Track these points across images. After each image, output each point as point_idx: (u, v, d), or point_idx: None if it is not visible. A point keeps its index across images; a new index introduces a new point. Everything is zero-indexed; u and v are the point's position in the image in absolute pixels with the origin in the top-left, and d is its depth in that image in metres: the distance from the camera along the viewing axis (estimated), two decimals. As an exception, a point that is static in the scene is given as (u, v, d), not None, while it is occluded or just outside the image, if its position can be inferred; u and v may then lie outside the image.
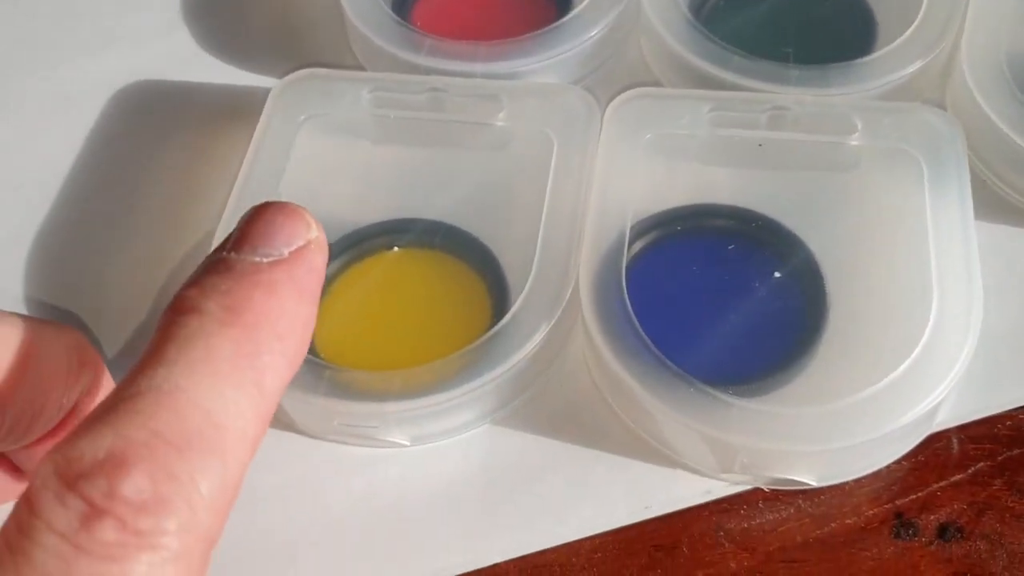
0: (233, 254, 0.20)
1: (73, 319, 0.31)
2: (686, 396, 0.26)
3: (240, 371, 0.19)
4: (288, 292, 0.20)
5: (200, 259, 0.21)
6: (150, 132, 0.35)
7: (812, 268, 0.28)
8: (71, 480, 0.17)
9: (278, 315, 0.20)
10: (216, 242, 0.29)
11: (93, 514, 0.17)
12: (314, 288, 0.21)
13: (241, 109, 0.34)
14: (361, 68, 0.35)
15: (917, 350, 0.26)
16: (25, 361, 0.21)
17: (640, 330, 0.27)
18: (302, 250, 0.21)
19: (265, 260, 0.20)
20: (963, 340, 0.27)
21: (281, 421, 0.29)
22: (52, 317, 0.30)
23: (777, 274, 0.28)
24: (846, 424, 0.26)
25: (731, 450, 0.26)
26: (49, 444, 0.23)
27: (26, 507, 0.17)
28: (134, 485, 0.17)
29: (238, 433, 0.19)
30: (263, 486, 0.28)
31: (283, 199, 0.23)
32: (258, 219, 0.21)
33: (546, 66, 0.34)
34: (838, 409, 0.26)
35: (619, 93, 0.32)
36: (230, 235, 0.21)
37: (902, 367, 0.26)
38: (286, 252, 0.20)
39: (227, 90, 0.36)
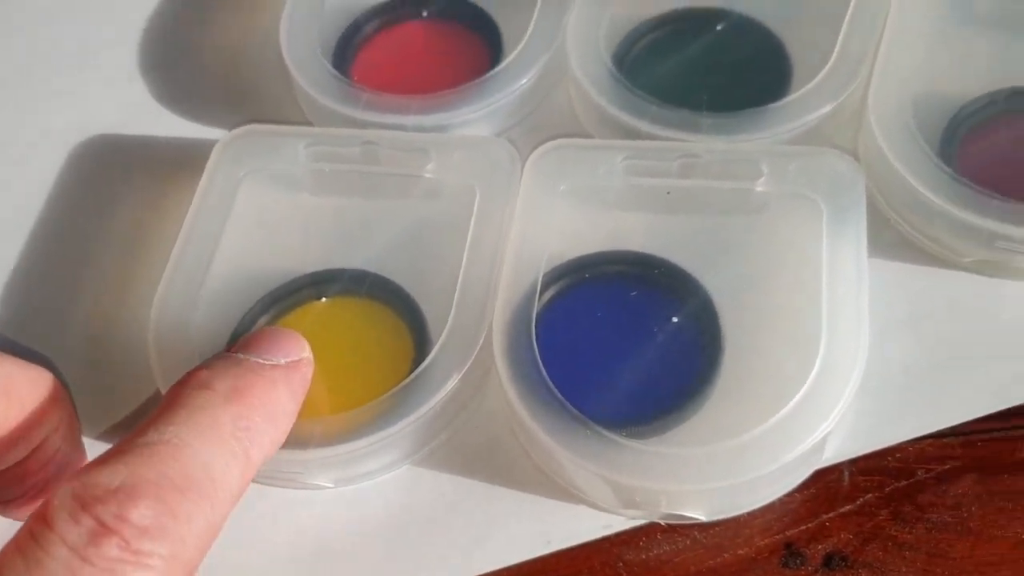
0: (240, 354, 0.26)
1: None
2: (582, 439, 0.28)
3: (235, 440, 0.24)
4: (282, 389, 0.26)
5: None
6: (103, 185, 0.37)
7: (709, 311, 0.30)
8: (87, 502, 0.21)
9: (272, 404, 0.25)
10: (169, 282, 0.32)
11: (102, 532, 0.21)
12: (300, 393, 0.26)
13: (194, 162, 0.36)
14: (308, 122, 0.37)
15: (803, 390, 0.28)
16: None
17: (545, 375, 0.29)
18: (297, 363, 0.26)
19: (267, 363, 0.26)
20: (847, 380, 0.28)
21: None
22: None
23: (675, 319, 0.30)
24: (730, 463, 0.27)
25: (626, 489, 0.28)
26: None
27: (42, 522, 0.21)
28: (140, 513, 0.21)
29: (227, 488, 0.23)
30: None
31: (223, 254, 0.30)
32: (264, 334, 0.27)
33: (477, 117, 0.35)
34: (725, 449, 0.28)
35: (546, 142, 0.34)
36: (238, 342, 0.27)
37: (787, 407, 0.28)
38: (283, 361, 0.26)
39: (180, 143, 0.38)
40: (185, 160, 0.37)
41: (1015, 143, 0.33)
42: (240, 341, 0.27)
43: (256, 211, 0.34)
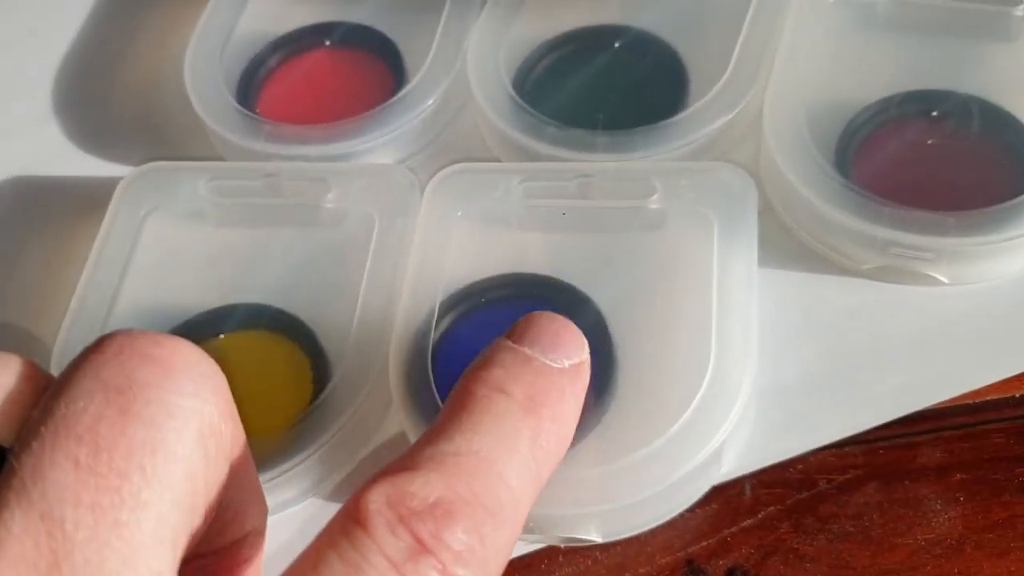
0: (527, 350, 0.24)
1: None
2: (474, 465, 0.28)
3: (533, 460, 0.23)
4: (571, 400, 0.24)
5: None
6: (13, 228, 0.37)
7: (602, 331, 0.30)
8: (403, 515, 0.20)
9: (562, 419, 0.24)
10: (70, 327, 0.32)
11: (421, 551, 0.20)
12: (582, 400, 0.24)
13: (104, 203, 0.35)
14: (219, 157, 0.37)
15: (692, 406, 0.28)
16: None
17: (439, 403, 0.29)
18: (580, 366, 0.25)
19: (555, 365, 0.24)
20: (736, 393, 0.28)
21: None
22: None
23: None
24: (620, 484, 0.27)
25: (520, 513, 0.28)
26: None
27: (357, 523, 0.20)
28: (455, 535, 0.20)
29: (524, 511, 0.22)
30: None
31: (128, 292, 0.30)
32: (549, 328, 0.25)
33: (381, 144, 0.36)
34: (614, 470, 0.28)
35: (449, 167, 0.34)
36: (520, 328, 0.25)
37: (676, 425, 0.28)
38: (567, 364, 0.24)
39: (91, 183, 0.38)
40: (96, 200, 0.36)
41: (909, 148, 0.33)
42: (522, 329, 0.25)
43: (161, 248, 0.34)
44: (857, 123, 0.33)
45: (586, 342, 0.25)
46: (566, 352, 0.24)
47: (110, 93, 0.40)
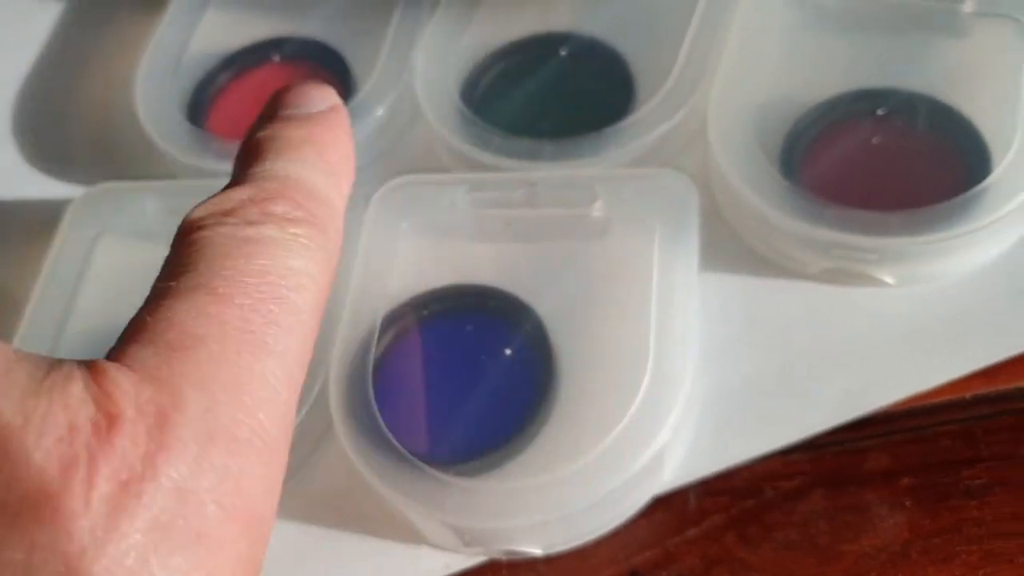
0: (288, 111, 0.27)
1: None
2: (410, 480, 0.28)
3: (326, 173, 0.25)
4: (341, 128, 0.27)
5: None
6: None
7: (543, 341, 0.30)
8: (228, 210, 0.23)
9: (339, 140, 0.27)
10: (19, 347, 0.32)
11: (259, 220, 0.23)
12: (350, 130, 0.27)
13: (57, 224, 0.36)
14: (172, 175, 0.37)
15: (628, 415, 0.28)
16: None
17: (378, 418, 0.29)
18: (337, 106, 0.28)
19: (314, 111, 0.27)
20: (673, 400, 0.28)
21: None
22: None
23: (508, 351, 0.30)
24: (556, 495, 0.27)
25: (458, 528, 0.28)
26: None
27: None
28: (283, 208, 0.23)
29: (338, 212, 0.25)
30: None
31: (80, 312, 0.32)
32: (292, 90, 0.28)
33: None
34: (550, 481, 0.27)
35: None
36: (276, 101, 0.27)
37: (612, 434, 0.28)
38: (325, 107, 0.27)
39: (47, 206, 0.38)
40: (50, 220, 0.36)
41: (856, 148, 0.32)
42: (271, 103, 0.27)
43: (112, 268, 0.34)
44: (803, 124, 0.33)
45: (329, 87, 0.28)
46: (321, 100, 0.27)
47: (65, 113, 0.40)
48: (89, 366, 0.19)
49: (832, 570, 0.28)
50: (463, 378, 0.30)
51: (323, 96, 0.28)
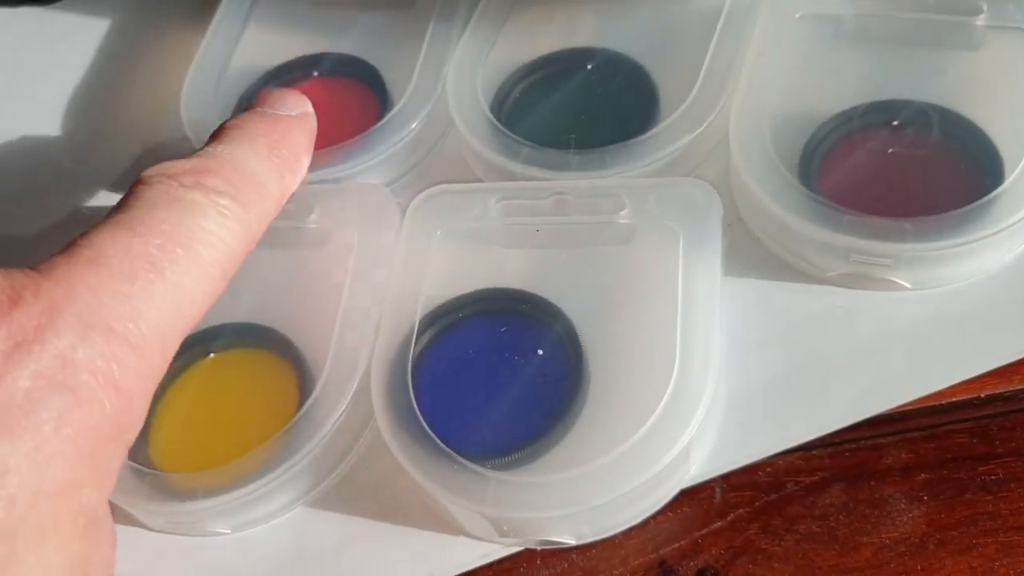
0: (262, 109, 0.32)
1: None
2: (448, 473, 0.29)
3: (272, 161, 0.30)
4: (302, 130, 0.32)
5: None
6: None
7: (574, 341, 0.31)
8: (170, 174, 0.28)
9: (296, 140, 0.32)
10: None
11: (191, 185, 0.28)
12: (312, 138, 0.33)
13: None
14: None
15: (657, 411, 0.29)
16: None
17: (418, 414, 0.30)
18: (305, 113, 0.33)
19: (282, 113, 0.32)
20: (699, 397, 0.29)
21: (121, 516, 0.32)
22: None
23: (540, 351, 0.31)
24: (587, 488, 0.28)
25: (495, 519, 0.29)
26: None
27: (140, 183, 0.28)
28: (213, 182, 0.28)
29: (272, 195, 0.30)
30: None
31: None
32: (271, 94, 0.33)
33: (367, 168, 0.37)
34: (581, 474, 0.29)
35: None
36: (257, 99, 0.33)
37: (642, 429, 0.29)
38: (294, 113, 0.33)
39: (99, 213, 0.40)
40: None
41: (871, 157, 0.34)
42: (255, 101, 0.33)
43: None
44: (820, 135, 0.34)
45: (307, 100, 0.33)
46: (292, 105, 0.33)
47: (115, 127, 0.42)
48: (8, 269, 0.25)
49: (852, 561, 0.29)
50: (498, 377, 0.31)
51: (296, 102, 0.33)
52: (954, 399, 0.31)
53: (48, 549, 0.23)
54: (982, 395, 0.31)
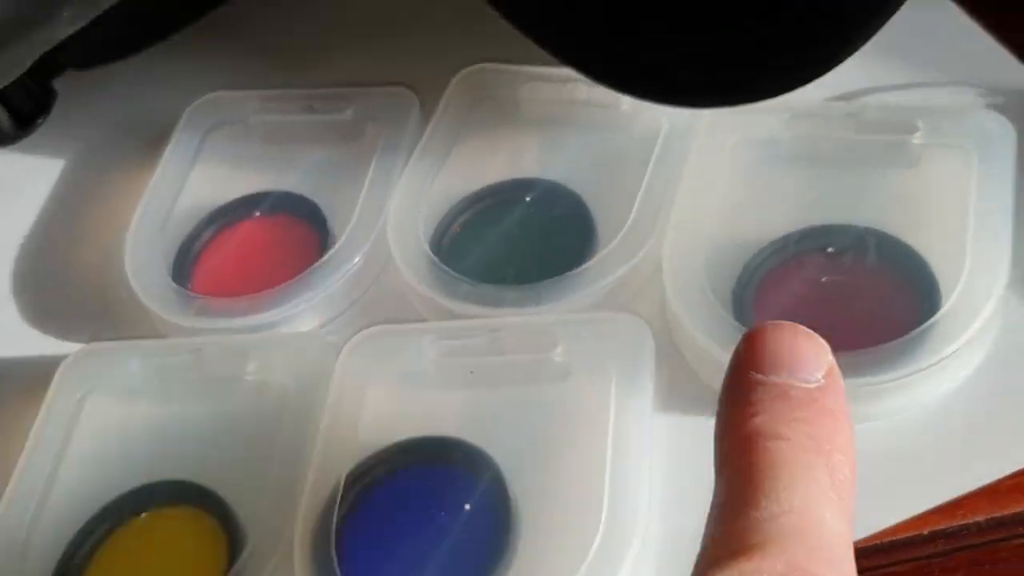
0: (775, 377, 0.23)
1: None
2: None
3: (838, 494, 0.22)
4: (842, 417, 0.23)
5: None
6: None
7: (503, 492, 0.30)
8: None
9: (845, 440, 0.23)
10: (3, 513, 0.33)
11: None
12: (847, 407, 0.24)
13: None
14: (160, 333, 0.38)
15: (586, 562, 0.28)
16: None
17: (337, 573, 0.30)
18: (832, 372, 0.23)
19: (810, 385, 0.23)
20: (627, 545, 0.28)
21: None
22: None
23: (467, 505, 0.30)
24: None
25: None
26: None
27: None
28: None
29: (849, 542, 0.22)
30: None
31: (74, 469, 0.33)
32: (784, 341, 0.23)
33: (306, 308, 0.37)
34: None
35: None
36: (756, 349, 0.23)
37: (571, 582, 0.28)
38: (821, 377, 0.23)
39: (45, 362, 0.38)
40: (45, 380, 0.37)
41: (806, 286, 0.33)
42: (759, 351, 0.23)
43: (97, 428, 0.35)
44: (754, 264, 0.34)
45: (823, 341, 0.24)
46: (815, 365, 0.23)
47: (62, 273, 0.42)
48: None
49: None
50: (425, 533, 0.30)
51: (821, 352, 0.23)
52: (895, 538, 0.30)
53: None
54: (924, 532, 0.30)
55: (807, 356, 0.23)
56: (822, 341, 0.24)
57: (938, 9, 0.44)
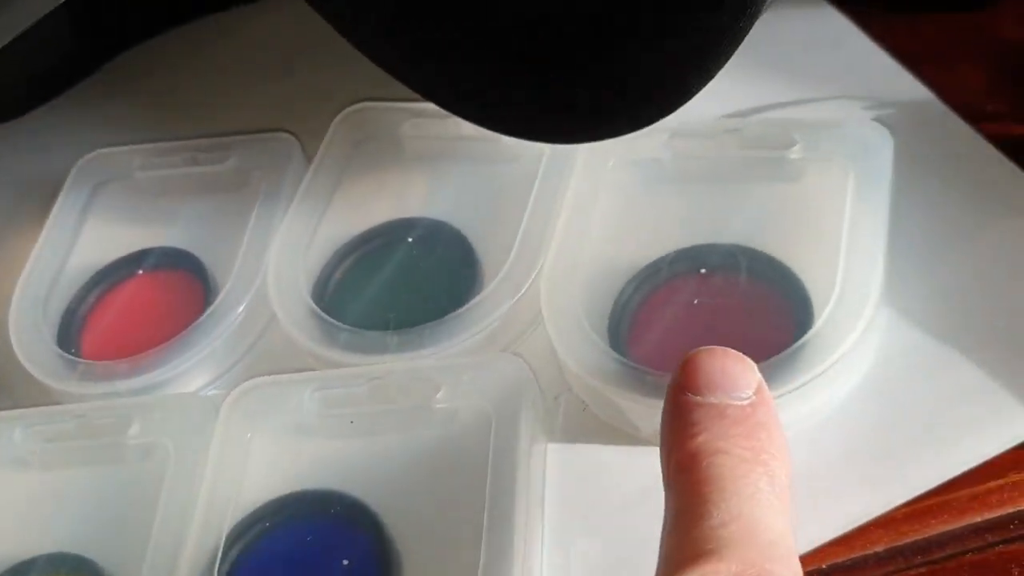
0: (712, 398, 0.25)
1: None
2: None
3: (778, 497, 0.24)
4: (776, 427, 0.25)
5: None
6: None
7: (384, 546, 0.30)
8: None
9: (778, 448, 0.25)
10: None
11: None
12: (777, 416, 0.26)
13: None
14: (54, 400, 0.37)
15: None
16: None
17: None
18: (762, 389, 0.26)
19: (743, 403, 0.25)
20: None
21: None
22: None
23: (346, 561, 0.30)
24: None
25: None
26: None
27: None
28: None
29: (792, 543, 0.24)
30: None
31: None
32: (715, 366, 0.26)
33: (191, 367, 0.36)
34: None
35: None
36: (689, 374, 0.25)
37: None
38: (751, 394, 0.25)
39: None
40: None
41: (680, 309, 0.33)
42: (692, 375, 0.25)
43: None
44: (629, 291, 0.33)
45: (749, 361, 0.26)
46: (745, 383, 0.25)
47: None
48: None
49: None
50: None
51: (749, 371, 0.26)
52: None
53: None
54: (823, 566, 0.29)
55: (737, 376, 0.26)
56: (749, 360, 0.26)
57: (824, 20, 0.44)
